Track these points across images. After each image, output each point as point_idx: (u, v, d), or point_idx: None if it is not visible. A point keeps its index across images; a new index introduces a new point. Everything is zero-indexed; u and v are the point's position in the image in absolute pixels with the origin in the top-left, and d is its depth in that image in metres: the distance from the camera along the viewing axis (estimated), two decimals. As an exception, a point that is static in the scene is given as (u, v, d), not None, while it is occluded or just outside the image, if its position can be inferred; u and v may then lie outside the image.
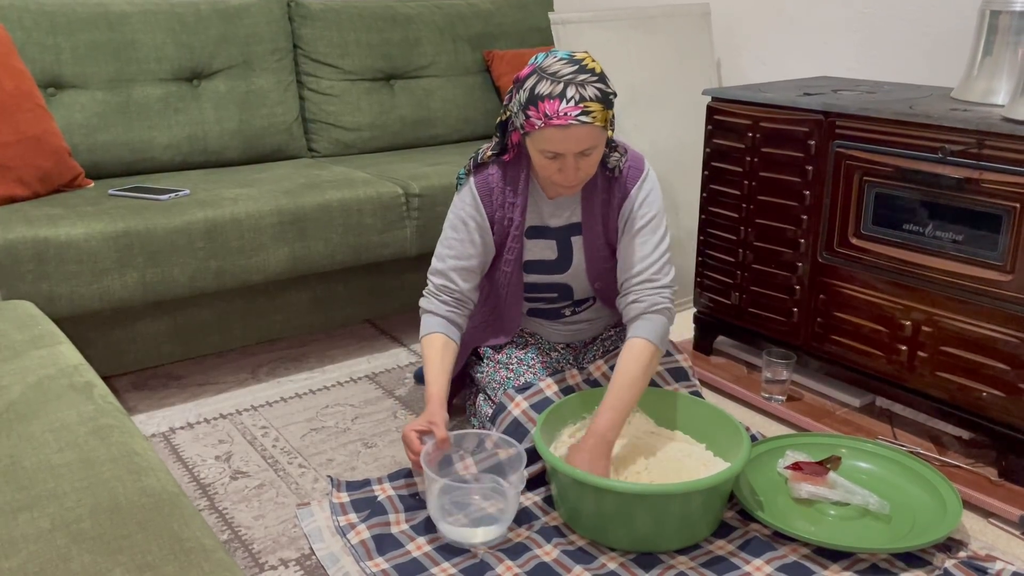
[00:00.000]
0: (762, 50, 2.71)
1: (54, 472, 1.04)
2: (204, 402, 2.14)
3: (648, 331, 1.68)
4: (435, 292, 1.80)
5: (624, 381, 1.63)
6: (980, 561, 1.51)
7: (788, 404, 2.05)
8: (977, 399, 1.73)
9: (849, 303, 1.94)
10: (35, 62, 2.28)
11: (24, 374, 1.30)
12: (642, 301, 1.71)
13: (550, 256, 1.82)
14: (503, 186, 1.76)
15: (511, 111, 1.66)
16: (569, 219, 1.80)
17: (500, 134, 1.74)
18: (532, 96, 1.57)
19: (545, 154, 1.60)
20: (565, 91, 1.54)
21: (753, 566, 1.50)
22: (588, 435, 1.60)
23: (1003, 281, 1.66)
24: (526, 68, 1.62)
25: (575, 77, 1.55)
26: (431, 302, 1.81)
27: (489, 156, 1.76)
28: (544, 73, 1.57)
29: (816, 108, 1.93)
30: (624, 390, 1.63)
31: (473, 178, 1.77)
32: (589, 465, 1.55)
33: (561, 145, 1.57)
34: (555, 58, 1.59)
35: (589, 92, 1.55)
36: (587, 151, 1.59)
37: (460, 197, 1.78)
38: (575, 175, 1.62)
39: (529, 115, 1.58)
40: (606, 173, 1.75)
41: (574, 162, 1.60)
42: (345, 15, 2.77)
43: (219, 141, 2.53)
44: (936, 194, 1.74)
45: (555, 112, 1.54)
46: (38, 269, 1.84)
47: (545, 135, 1.57)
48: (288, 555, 1.55)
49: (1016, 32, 1.80)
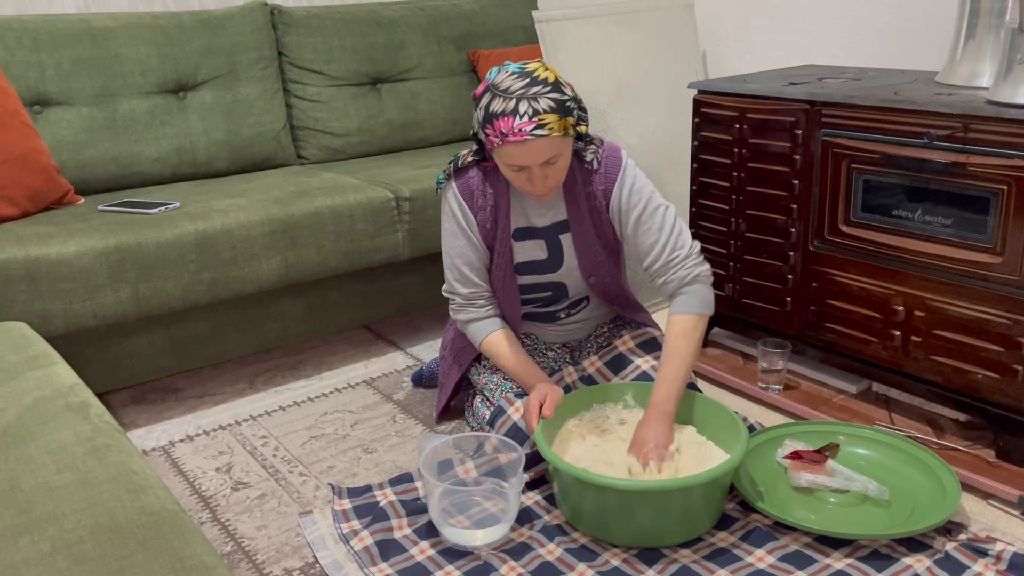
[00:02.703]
0: (747, 41, 2.71)
1: (53, 494, 1.04)
2: (203, 414, 2.14)
3: (686, 305, 1.72)
4: (467, 301, 1.83)
5: (674, 356, 1.69)
6: (981, 543, 1.52)
7: (785, 393, 2.05)
8: (972, 381, 1.74)
9: (842, 290, 1.94)
10: (19, 80, 2.27)
11: (20, 396, 1.30)
12: (671, 280, 1.74)
13: (540, 256, 1.83)
14: (484, 190, 1.77)
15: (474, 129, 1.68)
16: (555, 217, 1.80)
17: (478, 142, 1.74)
18: (487, 115, 1.58)
19: (511, 168, 1.63)
20: (518, 107, 1.55)
21: (755, 557, 1.51)
22: (649, 409, 1.66)
23: (993, 263, 1.67)
24: (481, 85, 1.63)
25: (527, 91, 1.55)
26: (468, 312, 1.83)
27: (470, 161, 1.77)
28: (496, 90, 1.58)
29: (802, 97, 1.93)
30: (676, 364, 1.68)
31: (454, 182, 1.78)
32: (654, 435, 1.61)
33: (523, 159, 1.59)
34: (507, 73, 1.59)
35: (542, 104, 1.55)
36: (551, 160, 1.60)
37: (446, 204, 1.80)
38: (543, 184, 1.64)
39: (487, 133, 1.60)
40: (584, 167, 1.76)
41: (540, 172, 1.62)
42: (329, 21, 2.76)
43: (207, 152, 2.53)
44: (924, 179, 1.75)
45: (510, 129, 1.55)
46: (31, 288, 1.83)
47: (505, 151, 1.59)
48: (292, 564, 1.56)
49: (998, 14, 1.80)
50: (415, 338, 2.55)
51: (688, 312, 1.71)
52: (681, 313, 1.71)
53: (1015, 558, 1.47)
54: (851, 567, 1.47)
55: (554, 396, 1.68)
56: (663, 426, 1.63)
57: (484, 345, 1.82)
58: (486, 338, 1.82)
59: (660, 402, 1.65)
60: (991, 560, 1.48)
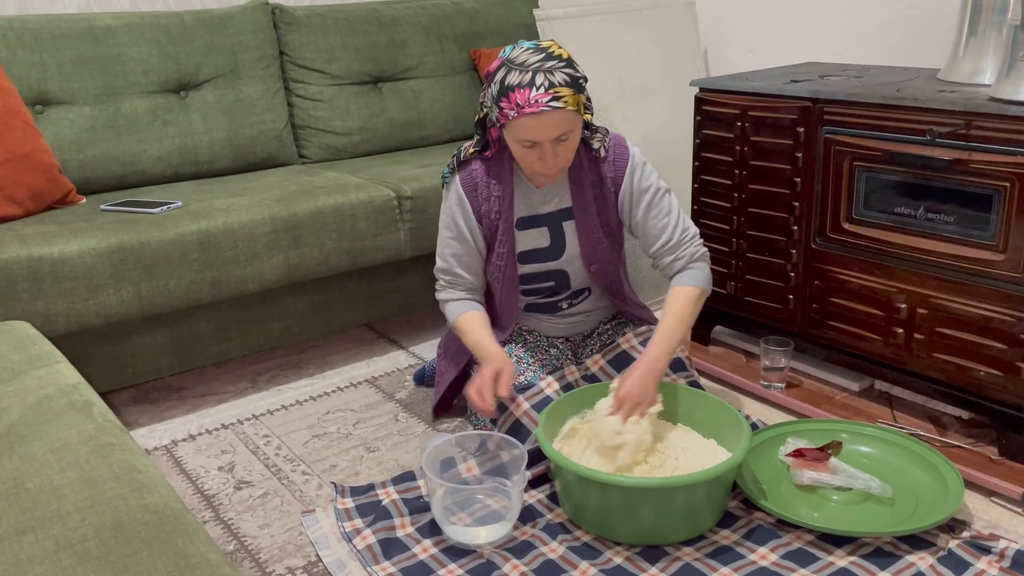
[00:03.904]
0: (748, 39, 2.71)
1: (57, 493, 1.04)
2: (205, 413, 2.14)
3: (691, 279, 1.78)
4: (448, 284, 1.88)
5: (674, 317, 1.73)
6: (984, 540, 1.52)
7: (787, 391, 2.05)
8: (975, 379, 1.74)
9: (844, 288, 1.94)
10: (21, 80, 2.27)
11: (23, 395, 1.30)
12: (681, 258, 1.80)
13: (543, 244, 1.84)
14: (487, 180, 1.78)
15: (486, 106, 1.69)
16: (559, 204, 1.81)
17: (480, 131, 1.77)
18: (503, 88, 1.60)
19: (523, 144, 1.63)
20: (534, 79, 1.57)
21: (758, 554, 1.51)
22: (640, 361, 1.67)
23: (996, 260, 1.66)
24: (495, 62, 1.65)
25: (543, 64, 1.58)
26: (448, 292, 1.89)
27: (472, 153, 1.79)
28: (512, 64, 1.60)
29: (804, 95, 1.93)
30: (674, 324, 1.73)
31: (457, 175, 1.80)
32: (640, 387, 1.62)
33: (536, 133, 1.60)
34: (522, 48, 1.62)
35: (558, 77, 1.57)
36: (563, 136, 1.62)
37: (447, 196, 1.83)
38: (554, 162, 1.65)
39: (502, 107, 1.60)
40: (592, 154, 1.77)
41: (552, 149, 1.63)
42: (330, 20, 2.76)
43: (209, 151, 2.53)
44: (926, 176, 1.75)
45: (526, 100, 1.57)
46: (33, 288, 1.84)
47: (520, 124, 1.60)
48: (295, 563, 1.56)
49: (1001, 11, 1.80)
50: (417, 337, 2.55)
51: (695, 284, 1.77)
52: (687, 284, 1.77)
53: (1018, 555, 1.47)
54: (854, 565, 1.47)
55: (509, 371, 1.70)
56: (651, 382, 1.65)
57: (456, 322, 1.84)
58: (461, 315, 1.84)
59: (655, 358, 1.68)
60: (994, 557, 1.48)
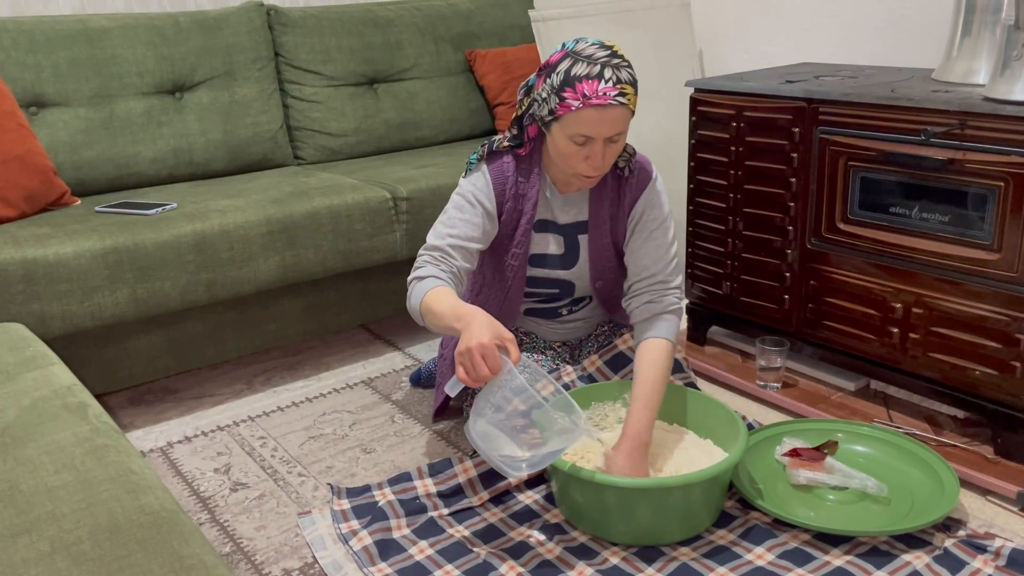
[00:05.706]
0: (743, 39, 2.72)
1: (52, 494, 1.04)
2: (201, 415, 2.14)
3: (667, 331, 1.72)
4: (430, 260, 1.68)
5: (651, 382, 1.65)
6: (979, 539, 1.52)
7: (783, 391, 2.05)
8: (970, 378, 1.74)
9: (840, 288, 1.94)
10: (16, 81, 2.27)
11: (18, 397, 1.30)
12: (657, 302, 1.74)
13: (557, 250, 1.82)
14: (516, 177, 1.75)
15: (537, 98, 1.63)
16: (576, 217, 1.80)
17: (517, 128, 1.73)
18: (568, 78, 1.56)
19: (575, 139, 1.59)
20: (603, 72, 1.54)
21: (755, 554, 1.51)
22: (623, 440, 1.60)
23: (990, 260, 1.67)
24: (555, 54, 1.61)
25: (610, 60, 1.56)
26: (428, 268, 1.66)
27: (505, 146, 1.75)
28: (579, 56, 1.57)
29: (799, 95, 1.93)
30: (653, 391, 1.65)
31: (487, 164, 1.75)
32: (630, 469, 1.56)
33: (596, 127, 1.56)
34: (587, 43, 1.59)
35: (624, 75, 1.56)
36: (615, 137, 1.59)
37: (471, 180, 1.74)
38: (601, 162, 1.61)
39: (565, 97, 1.56)
40: (616, 172, 1.77)
41: (602, 148, 1.59)
42: (325, 21, 2.76)
43: (204, 152, 2.53)
44: (921, 176, 1.75)
45: (594, 92, 1.54)
46: (28, 290, 1.83)
47: (581, 116, 1.56)
48: (291, 564, 1.55)
49: (994, 11, 1.81)
50: (413, 338, 2.55)
51: (668, 338, 1.71)
52: (661, 338, 1.71)
53: (1014, 554, 1.47)
54: (850, 564, 1.47)
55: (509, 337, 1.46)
56: (640, 458, 1.59)
57: (430, 294, 1.59)
58: (432, 289, 1.60)
59: (638, 432, 1.60)
60: (990, 556, 1.48)
